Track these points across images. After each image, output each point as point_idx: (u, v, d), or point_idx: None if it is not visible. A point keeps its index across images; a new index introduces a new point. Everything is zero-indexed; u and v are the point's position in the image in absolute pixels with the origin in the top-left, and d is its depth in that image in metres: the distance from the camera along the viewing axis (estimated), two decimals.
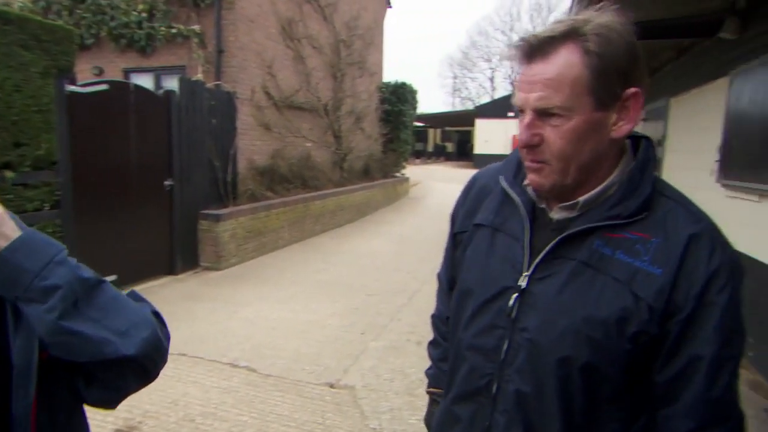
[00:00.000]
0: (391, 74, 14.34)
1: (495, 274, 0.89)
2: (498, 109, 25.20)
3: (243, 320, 4.41)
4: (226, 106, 6.83)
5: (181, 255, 5.90)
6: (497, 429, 0.87)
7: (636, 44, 0.77)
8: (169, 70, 7.57)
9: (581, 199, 0.82)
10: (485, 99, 38.00)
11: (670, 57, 5.98)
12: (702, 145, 4.77)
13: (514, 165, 0.93)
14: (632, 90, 0.76)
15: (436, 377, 1.16)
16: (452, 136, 36.43)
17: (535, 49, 0.76)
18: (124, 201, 5.18)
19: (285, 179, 8.24)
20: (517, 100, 0.81)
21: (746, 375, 3.49)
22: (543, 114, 0.77)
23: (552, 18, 38.21)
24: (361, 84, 11.72)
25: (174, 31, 7.25)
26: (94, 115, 4.74)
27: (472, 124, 28.01)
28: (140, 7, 7.38)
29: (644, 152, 0.83)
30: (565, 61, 0.74)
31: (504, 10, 59.90)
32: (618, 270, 0.78)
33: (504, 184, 0.93)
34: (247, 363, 3.53)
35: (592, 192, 0.82)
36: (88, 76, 7.80)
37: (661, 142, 6.16)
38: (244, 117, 7.47)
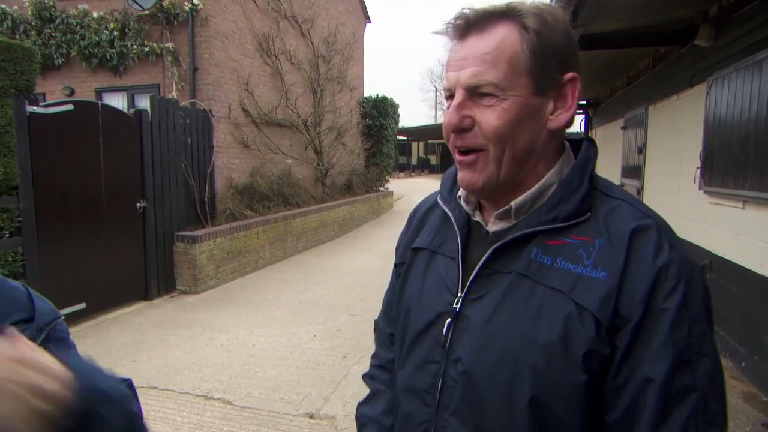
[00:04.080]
0: (372, 89, 14.31)
1: (429, 300, 0.77)
2: None
3: (219, 347, 4.21)
4: (201, 124, 6.67)
5: (156, 279, 5.67)
6: None
7: (571, 31, 0.71)
8: (143, 88, 7.39)
9: (513, 202, 0.72)
10: None
11: (647, 65, 6.00)
12: (683, 152, 4.74)
13: (450, 180, 0.84)
14: (570, 75, 0.69)
15: None
16: (436, 148, 36.55)
17: (471, 24, 0.68)
18: (93, 224, 4.96)
19: (265, 197, 8.06)
20: (446, 82, 0.71)
21: (739, 387, 3.39)
22: (475, 94, 0.68)
23: None
24: (341, 99, 11.65)
25: (147, 49, 7.09)
26: (58, 137, 4.54)
27: None
28: (112, 25, 7.21)
29: (585, 151, 0.74)
30: (504, 36, 0.67)
31: None
32: (558, 279, 0.65)
33: (439, 200, 0.85)
34: (221, 395, 3.33)
35: (526, 193, 0.71)
36: (59, 96, 7.58)
37: (641, 149, 6.15)
38: (222, 135, 7.31)
